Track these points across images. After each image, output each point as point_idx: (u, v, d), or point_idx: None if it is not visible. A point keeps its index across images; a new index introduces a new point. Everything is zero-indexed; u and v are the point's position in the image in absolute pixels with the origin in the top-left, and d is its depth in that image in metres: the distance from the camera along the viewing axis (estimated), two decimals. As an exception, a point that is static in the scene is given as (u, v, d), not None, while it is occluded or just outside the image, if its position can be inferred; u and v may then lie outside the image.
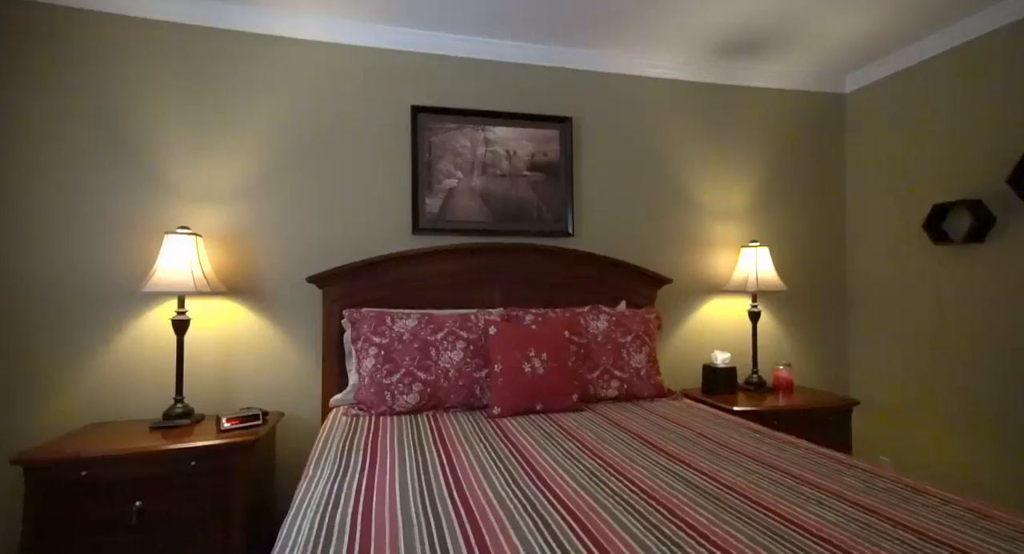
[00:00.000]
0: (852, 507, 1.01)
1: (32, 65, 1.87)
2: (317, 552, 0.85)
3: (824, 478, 1.17)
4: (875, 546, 0.85)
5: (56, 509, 1.53)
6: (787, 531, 0.91)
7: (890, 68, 2.53)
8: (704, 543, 0.86)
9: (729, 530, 0.91)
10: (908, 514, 0.98)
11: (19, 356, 1.83)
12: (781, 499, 1.05)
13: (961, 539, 0.87)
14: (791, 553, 0.83)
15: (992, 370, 2.10)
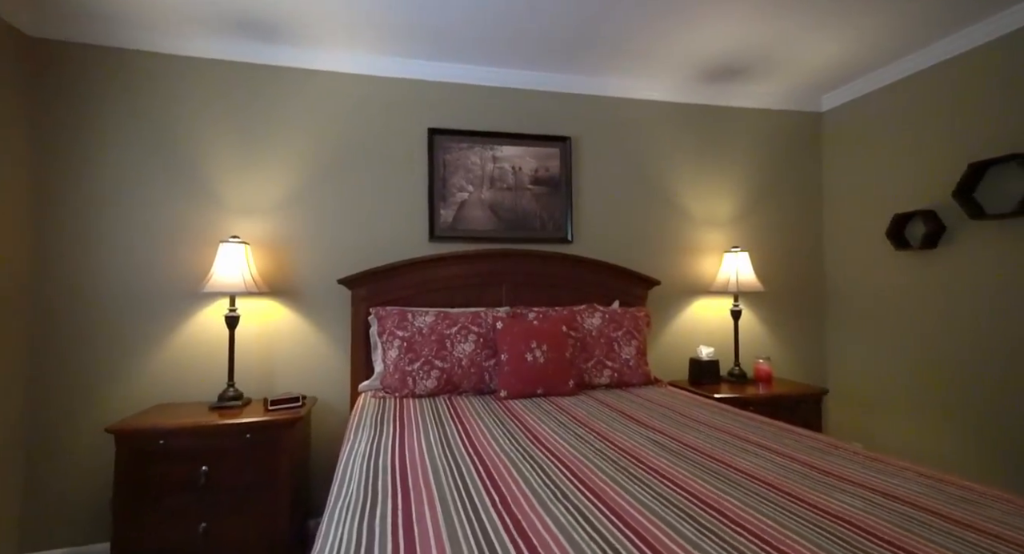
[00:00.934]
0: (783, 458, 1.29)
1: (107, 99, 2.20)
2: (371, 482, 1.15)
3: (765, 439, 1.44)
4: (787, 480, 1.13)
5: (140, 471, 1.84)
6: (723, 470, 1.19)
7: (859, 91, 2.80)
8: (663, 478, 1.15)
9: (682, 471, 1.19)
10: (824, 461, 1.25)
11: (98, 345, 2.16)
12: (727, 452, 1.33)
13: (850, 472, 1.15)
14: (726, 484, 1.11)
15: (950, 362, 2.36)
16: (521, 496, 1.06)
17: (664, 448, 1.37)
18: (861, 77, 2.76)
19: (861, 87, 2.78)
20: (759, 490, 1.08)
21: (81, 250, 2.16)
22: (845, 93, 2.89)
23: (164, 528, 1.86)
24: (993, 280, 2.18)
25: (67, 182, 2.16)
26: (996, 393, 2.16)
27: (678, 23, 2.17)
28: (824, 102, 3.05)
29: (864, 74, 2.73)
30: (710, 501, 1.02)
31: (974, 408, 2.24)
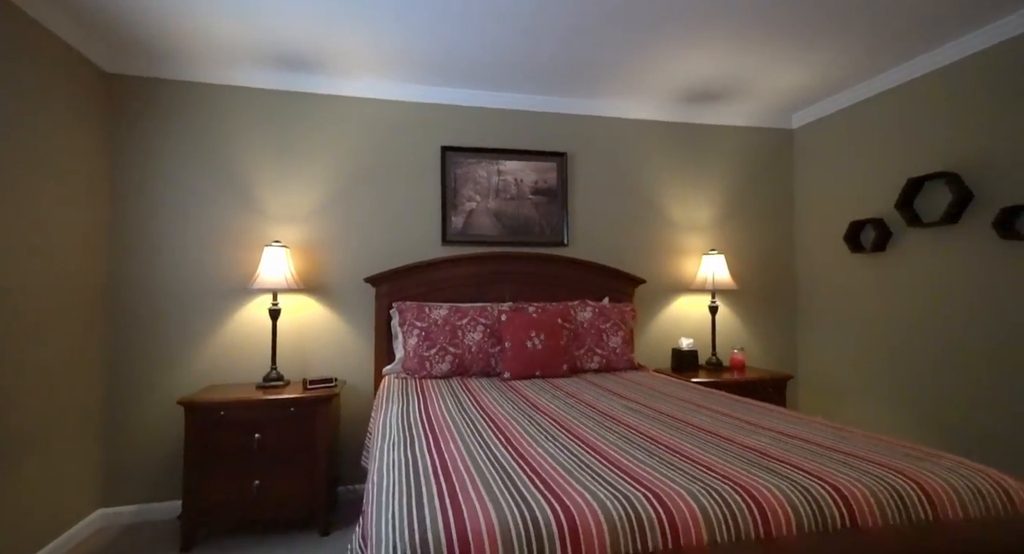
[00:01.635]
0: (726, 417, 1.64)
1: (169, 125, 2.58)
2: (406, 429, 1.51)
3: (719, 406, 1.80)
4: (722, 428, 1.48)
5: (205, 437, 2.21)
6: (677, 424, 1.55)
7: (825, 111, 3.15)
8: (629, 427, 1.50)
9: (644, 423, 1.55)
10: (757, 418, 1.61)
11: (163, 334, 2.53)
12: (684, 414, 1.68)
13: (783, 426, 1.51)
14: (675, 431, 1.47)
15: (898, 349, 2.71)
16: (520, 436, 1.42)
17: (635, 411, 1.73)
18: (826, 99, 3.11)
19: (826, 108, 3.14)
20: (698, 434, 1.43)
21: (148, 254, 2.53)
22: (813, 112, 3.24)
23: (225, 484, 2.24)
24: (929, 278, 2.53)
25: (137, 197, 2.53)
26: (936, 376, 2.51)
27: (662, 55, 2.53)
28: (794, 120, 3.41)
29: (828, 96, 3.08)
30: (661, 439, 1.37)
31: (917, 388, 2.60)
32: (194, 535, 2.22)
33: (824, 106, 3.14)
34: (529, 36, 2.34)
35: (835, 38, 2.36)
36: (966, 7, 2.10)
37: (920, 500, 1.04)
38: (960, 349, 2.39)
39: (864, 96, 2.88)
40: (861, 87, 2.87)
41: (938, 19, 2.20)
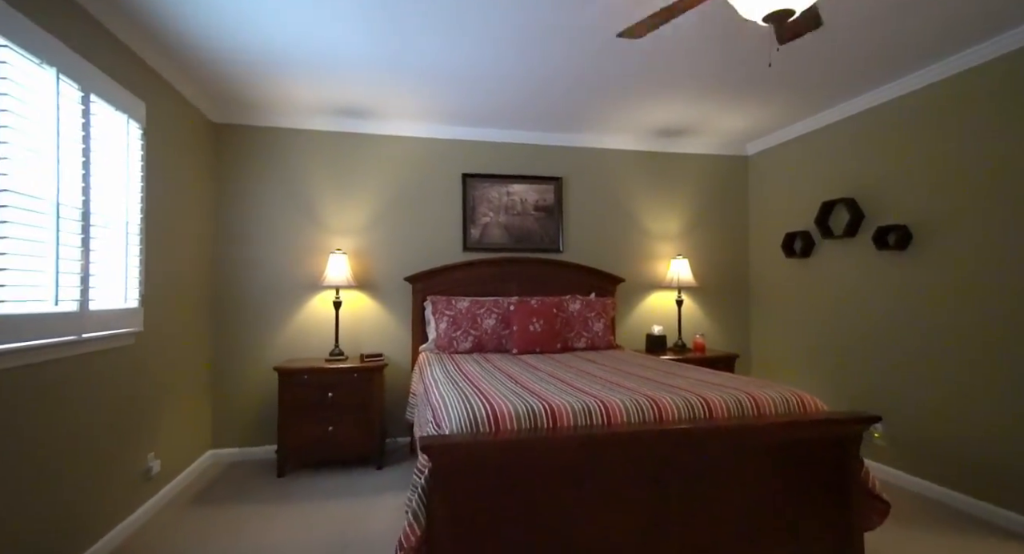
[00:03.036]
0: (667, 373, 2.42)
1: (258, 161, 3.39)
2: (450, 378, 2.30)
3: (663, 366, 2.58)
4: (661, 375, 2.27)
5: (293, 396, 3.02)
6: (631, 371, 2.33)
7: (771, 142, 3.92)
8: (596, 377, 2.29)
9: (608, 373, 2.33)
10: (690, 372, 2.39)
11: (254, 319, 3.35)
12: (638, 370, 2.46)
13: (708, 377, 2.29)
14: (629, 378, 2.25)
15: (822, 334, 3.48)
16: (526, 380, 2.21)
17: (604, 368, 2.52)
18: (768, 134, 3.89)
19: (768, 141, 3.91)
20: (642, 378, 2.21)
21: (243, 259, 3.35)
22: (762, 143, 4.01)
23: (307, 430, 3.05)
24: (837, 278, 3.30)
25: (235, 217, 3.35)
26: (843, 351, 3.28)
27: (634, 105, 3.31)
28: (748, 148, 4.18)
29: (769, 133, 3.86)
30: (613, 380, 2.15)
31: (832, 361, 3.37)
32: (285, 467, 3.04)
33: (768, 139, 3.91)
34: (533, 95, 3.13)
35: (758, 96, 3.13)
36: (867, 71, 2.87)
37: (751, 405, 1.83)
38: (857, 331, 3.17)
39: (793, 136, 3.65)
40: (789, 129, 3.65)
41: (845, 80, 2.96)
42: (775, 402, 1.86)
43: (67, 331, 1.82)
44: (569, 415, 1.70)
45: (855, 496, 1.76)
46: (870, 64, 2.68)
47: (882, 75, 2.82)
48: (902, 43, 2.46)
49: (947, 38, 2.41)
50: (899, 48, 2.51)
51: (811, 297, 3.53)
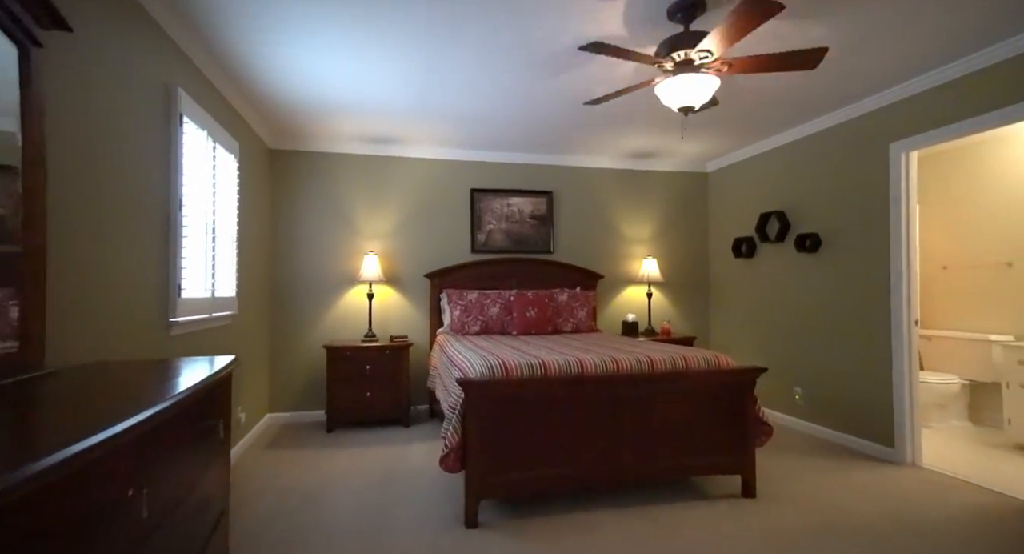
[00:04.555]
0: (632, 346, 3.23)
1: (306, 180, 4.16)
2: (468, 348, 3.11)
3: (627, 341, 3.39)
4: (625, 349, 3.08)
5: (338, 368, 3.81)
6: (607, 343, 3.14)
7: (725, 162, 4.75)
8: (570, 346, 3.10)
9: (587, 346, 3.15)
10: (646, 346, 3.20)
11: (304, 307, 4.13)
12: (611, 345, 3.28)
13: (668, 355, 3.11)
14: (603, 348, 3.06)
15: (764, 322, 4.32)
16: (525, 349, 3.01)
17: (584, 343, 3.33)
18: (721, 157, 4.72)
19: (721, 162, 4.74)
20: (609, 348, 3.02)
21: (296, 260, 4.13)
22: (719, 162, 4.84)
23: (348, 396, 3.84)
24: (772, 275, 4.14)
25: (288, 225, 4.12)
26: (778, 336, 4.13)
27: (611, 135, 4.11)
28: (708, 166, 5.01)
29: (726, 154, 4.69)
30: (589, 349, 2.96)
31: (769, 344, 4.21)
32: (333, 424, 3.83)
33: (723, 160, 4.75)
34: (529, 128, 3.93)
35: (714, 129, 3.96)
36: (790, 114, 3.70)
37: (682, 361, 2.65)
38: (785, 314, 4.01)
39: (741, 158, 4.49)
40: (739, 152, 4.48)
41: (776, 120, 3.79)
42: (699, 360, 2.68)
43: (209, 310, 2.60)
44: (556, 366, 2.51)
45: (749, 421, 2.59)
46: (792, 109, 3.51)
47: (799, 118, 3.65)
48: (811, 97, 3.28)
49: (838, 96, 3.24)
50: (809, 101, 3.33)
51: (754, 289, 4.37)
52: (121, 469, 0.92)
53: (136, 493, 0.97)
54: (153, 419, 0.97)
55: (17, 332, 1.29)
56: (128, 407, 0.97)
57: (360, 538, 2.20)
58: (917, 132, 3.00)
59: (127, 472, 0.94)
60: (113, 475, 0.89)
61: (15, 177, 1.29)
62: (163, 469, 1.11)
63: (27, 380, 1.25)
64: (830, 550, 2.08)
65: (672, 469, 2.54)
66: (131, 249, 1.97)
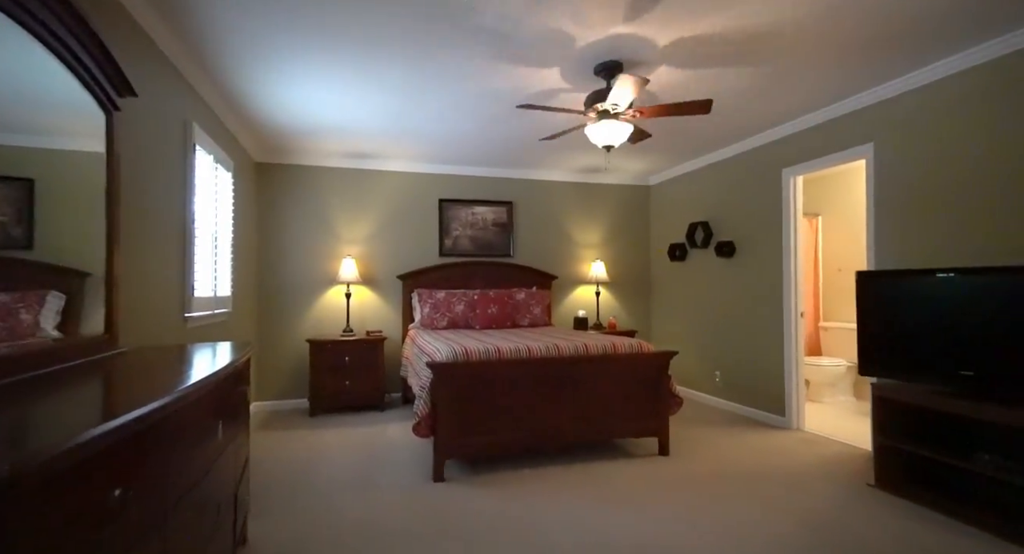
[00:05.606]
0: (575, 336, 3.84)
1: (289, 191, 4.61)
2: (437, 339, 3.65)
3: (571, 331, 4.00)
4: (567, 338, 3.68)
5: (320, 359, 4.28)
6: (549, 334, 3.74)
7: (663, 177, 5.44)
8: (522, 336, 3.68)
9: (537, 336, 3.73)
10: (586, 336, 3.81)
11: (288, 305, 4.57)
12: (556, 334, 3.88)
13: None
14: (547, 337, 3.65)
15: (692, 317, 5.01)
16: (484, 340, 3.57)
17: (536, 335, 3.91)
18: (663, 171, 5.41)
19: (665, 176, 5.44)
20: (555, 338, 3.61)
21: (280, 262, 4.57)
22: (659, 177, 5.53)
23: (329, 384, 4.31)
24: (699, 277, 4.84)
25: (274, 233, 4.56)
26: (705, 330, 4.82)
27: (563, 155, 4.72)
28: (651, 180, 5.69)
29: (664, 170, 5.38)
30: (538, 339, 3.54)
31: (699, 337, 4.91)
32: (316, 410, 4.29)
33: (663, 175, 5.44)
34: (492, 147, 4.49)
35: (654, 150, 4.62)
36: (710, 140, 4.39)
37: (613, 348, 3.26)
38: (709, 310, 4.71)
39: (676, 174, 5.18)
40: (674, 169, 5.18)
41: (698, 144, 4.48)
42: (625, 346, 3.31)
43: (213, 307, 3.06)
44: (508, 351, 3.09)
45: (664, 394, 3.23)
46: (713, 137, 4.20)
47: (718, 144, 4.35)
48: (725, 129, 3.97)
49: (743, 129, 3.93)
50: (724, 132, 4.02)
51: (685, 288, 5.07)
52: (209, 404, 1.43)
53: (215, 423, 1.48)
54: (226, 369, 1.49)
55: (105, 323, 1.77)
56: (203, 368, 1.48)
57: (352, 489, 2.72)
58: (800, 161, 3.72)
59: (212, 408, 1.46)
60: (205, 409, 1.41)
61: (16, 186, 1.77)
62: (228, 409, 1.63)
63: (113, 355, 1.73)
64: (718, 487, 2.73)
65: (603, 432, 3.15)
66: (160, 258, 2.43)
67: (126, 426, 0.85)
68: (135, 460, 0.94)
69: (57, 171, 1.52)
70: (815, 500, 2.56)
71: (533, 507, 2.50)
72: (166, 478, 1.09)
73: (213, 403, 1.46)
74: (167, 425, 1.09)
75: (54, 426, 0.88)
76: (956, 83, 2.75)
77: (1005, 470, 2.20)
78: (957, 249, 2.73)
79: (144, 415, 0.91)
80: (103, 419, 0.82)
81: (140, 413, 0.90)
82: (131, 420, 0.86)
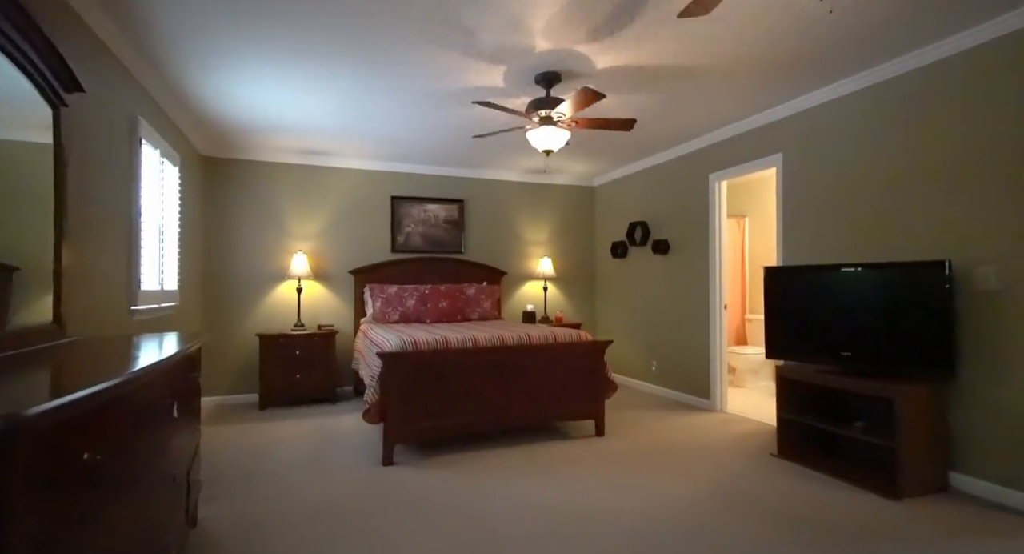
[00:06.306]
0: (521, 329, 4.07)
1: (238, 185, 4.59)
2: (388, 331, 3.79)
3: (518, 324, 4.23)
4: (511, 331, 3.91)
5: (271, 353, 4.31)
6: (496, 326, 3.95)
7: (606, 179, 5.77)
8: (469, 329, 3.89)
9: (483, 328, 3.94)
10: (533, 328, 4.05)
11: (236, 300, 4.57)
12: (502, 328, 4.09)
13: (532, 328, 3.96)
14: (493, 328, 3.86)
15: (634, 310, 5.36)
16: (434, 332, 3.74)
17: (484, 327, 4.11)
18: (607, 173, 5.73)
19: (608, 177, 5.76)
20: (501, 330, 3.83)
21: (229, 257, 4.55)
22: (603, 178, 5.85)
23: (280, 377, 4.36)
24: (639, 273, 5.19)
25: (223, 228, 4.54)
26: (645, 322, 5.18)
27: (510, 154, 4.94)
28: (595, 181, 6.01)
29: (608, 172, 5.70)
30: (485, 330, 3.74)
31: (639, 329, 5.26)
32: (266, 403, 4.33)
33: (606, 176, 5.77)
34: (442, 147, 4.65)
35: (596, 152, 4.91)
36: (647, 145, 4.72)
37: (554, 338, 3.51)
38: (648, 304, 5.07)
39: (618, 176, 5.52)
40: (616, 171, 5.51)
41: (635, 149, 4.81)
42: (565, 336, 3.57)
43: (160, 300, 3.07)
44: (455, 341, 3.28)
45: (600, 380, 3.51)
46: (649, 143, 4.53)
47: (655, 149, 4.70)
48: (660, 136, 4.30)
49: (675, 137, 4.28)
50: (659, 138, 4.36)
51: (626, 284, 5.42)
52: (166, 385, 1.55)
53: (171, 402, 1.60)
54: (182, 352, 1.61)
55: (53, 313, 1.83)
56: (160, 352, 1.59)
57: (304, 473, 2.84)
58: (724, 167, 4.10)
59: (169, 388, 1.58)
60: (163, 388, 1.52)
61: None
62: (182, 392, 1.74)
63: (64, 344, 1.80)
64: (644, 460, 3.03)
65: (544, 416, 3.40)
66: (107, 251, 2.47)
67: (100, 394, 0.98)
68: (105, 429, 1.07)
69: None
70: (725, 469, 2.91)
71: (477, 483, 2.71)
72: (132, 446, 1.21)
73: (169, 384, 1.58)
74: (132, 399, 1.21)
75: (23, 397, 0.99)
76: (850, 103, 3.16)
77: (870, 433, 2.61)
78: (850, 247, 3.15)
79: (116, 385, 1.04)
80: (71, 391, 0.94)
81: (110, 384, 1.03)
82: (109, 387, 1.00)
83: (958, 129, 2.61)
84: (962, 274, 2.56)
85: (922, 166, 2.77)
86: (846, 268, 2.85)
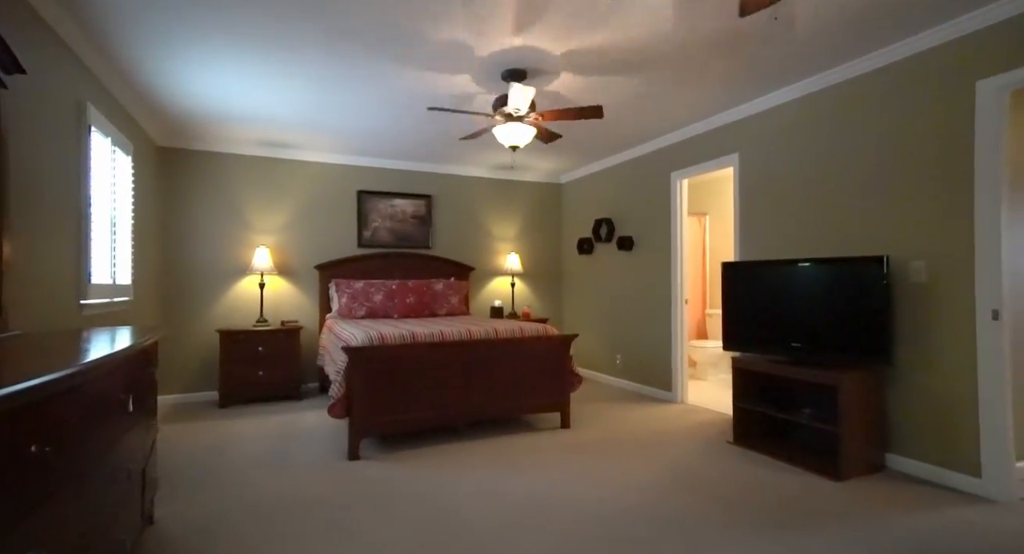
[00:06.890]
0: (489, 324, 4.10)
1: (198, 177, 4.44)
2: (355, 326, 3.75)
3: (486, 319, 4.26)
4: (481, 326, 3.93)
5: (232, 350, 4.20)
6: (465, 323, 3.97)
7: (574, 176, 5.85)
8: (442, 325, 3.89)
9: (452, 323, 3.95)
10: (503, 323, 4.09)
11: (196, 296, 4.42)
12: (472, 323, 4.12)
13: (499, 323, 4.00)
14: (461, 324, 3.88)
15: (599, 305, 5.46)
16: (401, 326, 3.73)
17: (452, 322, 4.13)
18: (573, 171, 5.82)
19: (575, 175, 5.85)
20: (468, 324, 3.85)
21: (187, 251, 4.40)
22: (570, 176, 5.94)
23: (241, 375, 4.25)
24: (605, 268, 5.30)
25: (180, 221, 4.38)
26: (609, 318, 5.29)
27: (480, 153, 4.96)
28: (562, 178, 6.09)
29: (574, 170, 5.79)
30: (452, 325, 3.76)
31: (604, 323, 5.37)
32: (226, 401, 4.22)
33: (573, 173, 5.85)
34: (409, 142, 4.63)
35: (563, 150, 4.98)
36: (613, 143, 4.81)
37: (520, 332, 3.56)
38: (612, 299, 5.18)
39: (584, 174, 5.61)
40: (582, 169, 5.60)
41: (600, 147, 4.90)
42: (531, 330, 3.62)
43: (111, 295, 2.96)
44: (422, 336, 3.28)
45: (565, 373, 3.58)
46: (613, 141, 4.62)
47: (618, 148, 4.80)
48: (621, 135, 4.40)
49: (637, 136, 4.39)
50: (620, 137, 4.45)
51: (592, 279, 5.52)
52: (121, 378, 1.51)
53: (126, 396, 1.56)
54: (137, 346, 1.57)
55: (-4, 303, 1.75)
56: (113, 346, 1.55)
57: (267, 468, 2.80)
58: (684, 166, 4.24)
59: (123, 382, 1.54)
60: (117, 381, 1.49)
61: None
62: (137, 386, 1.69)
63: (8, 338, 1.72)
64: (607, 449, 3.12)
65: (511, 409, 3.44)
66: (53, 242, 2.36)
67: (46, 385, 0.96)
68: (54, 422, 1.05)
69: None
70: (683, 455, 3.02)
71: (443, 474, 2.73)
72: (83, 440, 1.19)
73: (123, 378, 1.54)
74: (83, 392, 1.19)
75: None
76: (794, 107, 3.32)
77: (817, 419, 2.77)
78: (802, 243, 3.31)
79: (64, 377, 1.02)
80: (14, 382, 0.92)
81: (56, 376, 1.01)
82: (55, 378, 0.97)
83: (888, 135, 2.79)
84: (898, 268, 2.74)
85: (861, 168, 2.94)
86: (796, 263, 3.01)
